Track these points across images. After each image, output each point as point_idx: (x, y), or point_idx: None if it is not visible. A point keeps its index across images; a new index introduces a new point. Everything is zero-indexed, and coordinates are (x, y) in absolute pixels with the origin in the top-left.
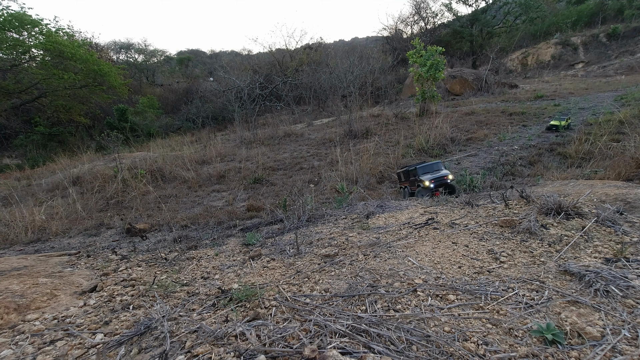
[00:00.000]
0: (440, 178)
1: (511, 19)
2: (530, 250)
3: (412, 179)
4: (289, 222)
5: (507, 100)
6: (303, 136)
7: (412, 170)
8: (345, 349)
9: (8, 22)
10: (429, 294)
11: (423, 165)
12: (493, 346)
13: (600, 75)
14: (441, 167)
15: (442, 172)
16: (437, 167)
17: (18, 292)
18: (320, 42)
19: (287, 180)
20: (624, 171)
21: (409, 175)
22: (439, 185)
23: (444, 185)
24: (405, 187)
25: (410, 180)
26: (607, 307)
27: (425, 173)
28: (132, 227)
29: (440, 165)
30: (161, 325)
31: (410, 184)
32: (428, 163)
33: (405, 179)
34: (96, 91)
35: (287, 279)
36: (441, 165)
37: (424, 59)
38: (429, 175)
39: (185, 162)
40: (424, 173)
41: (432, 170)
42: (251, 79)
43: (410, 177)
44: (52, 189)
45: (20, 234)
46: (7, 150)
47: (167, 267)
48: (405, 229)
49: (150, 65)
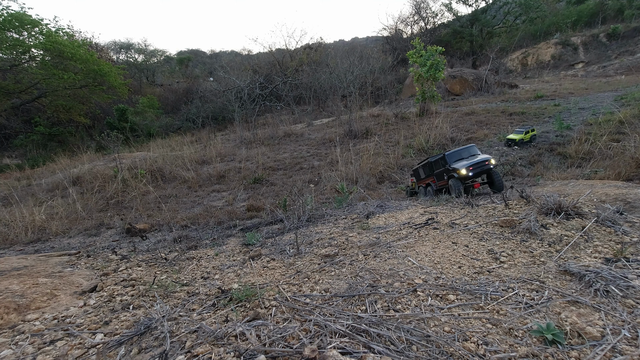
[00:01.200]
0: (480, 164)
1: (511, 19)
2: (530, 250)
3: (440, 170)
4: (289, 222)
5: (507, 100)
6: (303, 136)
7: (437, 161)
8: (345, 349)
9: (8, 22)
10: (429, 294)
11: (452, 152)
12: (493, 346)
13: (600, 75)
14: (477, 151)
15: (481, 157)
16: (471, 151)
17: (18, 292)
18: (320, 42)
19: (287, 180)
20: (624, 171)
21: (432, 167)
22: (479, 174)
23: (485, 173)
24: (427, 185)
25: (437, 173)
26: (607, 307)
27: (458, 160)
28: (132, 227)
29: (474, 149)
30: (161, 325)
31: (437, 178)
32: (458, 149)
33: (427, 174)
34: (96, 91)
35: (287, 279)
36: (476, 149)
37: (424, 59)
38: (464, 162)
39: (185, 162)
40: (456, 160)
41: (466, 156)
42: (251, 79)
43: (435, 170)
44: (52, 189)
45: (20, 234)
46: (7, 150)
47: (167, 267)
48: (405, 229)
49: (150, 65)
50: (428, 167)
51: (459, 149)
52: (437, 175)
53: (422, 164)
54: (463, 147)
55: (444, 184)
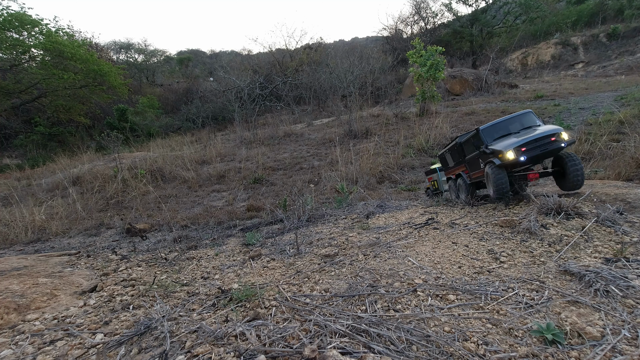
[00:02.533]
0: (541, 141)
1: (511, 19)
2: (530, 250)
3: (474, 155)
4: (289, 222)
5: (507, 100)
6: (303, 136)
7: (469, 140)
8: (345, 349)
9: (8, 22)
10: (429, 294)
11: (493, 124)
12: (493, 346)
13: (600, 75)
14: (535, 119)
15: (544, 129)
16: (525, 121)
17: (18, 292)
18: (320, 42)
19: (287, 180)
20: (624, 171)
21: (463, 151)
22: (539, 158)
23: (551, 154)
24: (458, 177)
25: (470, 159)
26: (607, 307)
27: (503, 137)
28: (132, 227)
29: (531, 117)
30: (161, 325)
31: (470, 166)
32: (502, 119)
33: (457, 161)
34: (96, 91)
35: (287, 279)
36: (534, 117)
37: (424, 59)
38: (512, 139)
39: (185, 162)
40: (500, 137)
41: (517, 129)
42: (251, 79)
43: (467, 155)
44: (52, 189)
45: (20, 234)
46: (7, 150)
47: (167, 267)
48: (405, 229)
49: (150, 65)
50: (455, 153)
51: (503, 119)
52: (470, 162)
53: (450, 146)
54: (514, 114)
55: (479, 175)
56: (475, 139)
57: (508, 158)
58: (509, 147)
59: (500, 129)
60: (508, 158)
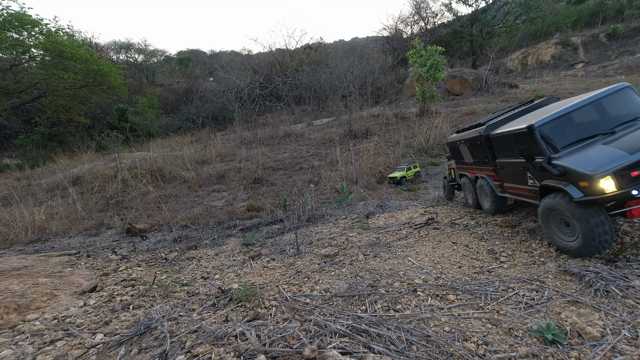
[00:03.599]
0: None
1: (511, 19)
2: (530, 250)
3: (516, 164)
4: (289, 222)
5: (507, 100)
6: (303, 136)
7: (508, 140)
8: (345, 349)
9: (8, 22)
10: (429, 294)
11: (557, 115)
12: (493, 346)
13: (600, 75)
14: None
15: None
16: (622, 106)
17: (18, 292)
18: (320, 42)
19: (287, 180)
20: None
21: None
22: None
23: None
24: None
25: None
26: (607, 307)
27: (579, 143)
28: (132, 227)
29: (633, 97)
30: (161, 325)
31: (506, 177)
32: (581, 102)
33: (478, 160)
34: (96, 91)
35: (287, 279)
36: (638, 98)
37: (424, 59)
38: (604, 149)
39: (185, 162)
40: (572, 144)
41: (606, 124)
42: (251, 79)
43: (502, 157)
44: (52, 189)
45: (20, 234)
46: (7, 150)
47: (167, 267)
48: (405, 229)
49: (150, 65)
50: (482, 147)
51: (579, 104)
52: (507, 171)
53: (467, 135)
54: (594, 95)
55: (521, 193)
56: (521, 141)
57: (603, 189)
58: (604, 168)
59: (574, 126)
60: (603, 189)
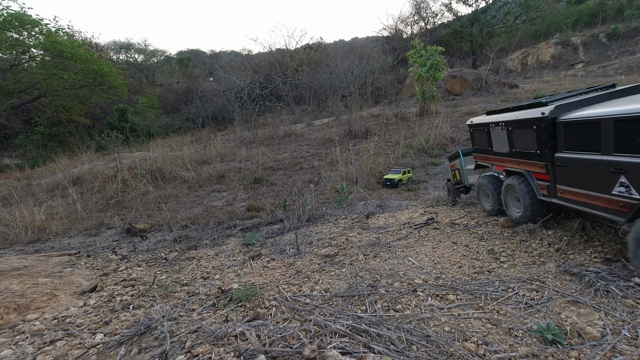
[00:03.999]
0: None
1: (511, 19)
2: (530, 250)
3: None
4: (289, 222)
5: (507, 100)
6: (303, 136)
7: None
8: (345, 349)
9: (8, 22)
10: (429, 294)
11: None
12: (493, 346)
13: (600, 75)
14: None
15: None
16: None
17: (18, 292)
18: (320, 42)
19: (287, 180)
20: None
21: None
22: None
23: None
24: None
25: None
26: (607, 307)
27: None
28: (132, 227)
29: None
30: (161, 325)
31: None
32: None
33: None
34: (96, 91)
35: (287, 279)
36: None
37: (424, 59)
38: None
39: (185, 162)
40: None
41: None
42: (251, 79)
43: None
44: (52, 189)
45: (20, 234)
46: (7, 150)
47: (167, 267)
48: (405, 229)
49: (150, 65)
50: (534, 134)
51: None
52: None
53: (507, 116)
54: None
55: (586, 202)
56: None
57: None
58: None
59: None
60: None
